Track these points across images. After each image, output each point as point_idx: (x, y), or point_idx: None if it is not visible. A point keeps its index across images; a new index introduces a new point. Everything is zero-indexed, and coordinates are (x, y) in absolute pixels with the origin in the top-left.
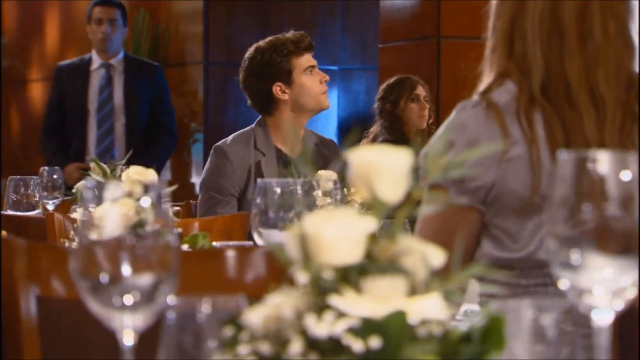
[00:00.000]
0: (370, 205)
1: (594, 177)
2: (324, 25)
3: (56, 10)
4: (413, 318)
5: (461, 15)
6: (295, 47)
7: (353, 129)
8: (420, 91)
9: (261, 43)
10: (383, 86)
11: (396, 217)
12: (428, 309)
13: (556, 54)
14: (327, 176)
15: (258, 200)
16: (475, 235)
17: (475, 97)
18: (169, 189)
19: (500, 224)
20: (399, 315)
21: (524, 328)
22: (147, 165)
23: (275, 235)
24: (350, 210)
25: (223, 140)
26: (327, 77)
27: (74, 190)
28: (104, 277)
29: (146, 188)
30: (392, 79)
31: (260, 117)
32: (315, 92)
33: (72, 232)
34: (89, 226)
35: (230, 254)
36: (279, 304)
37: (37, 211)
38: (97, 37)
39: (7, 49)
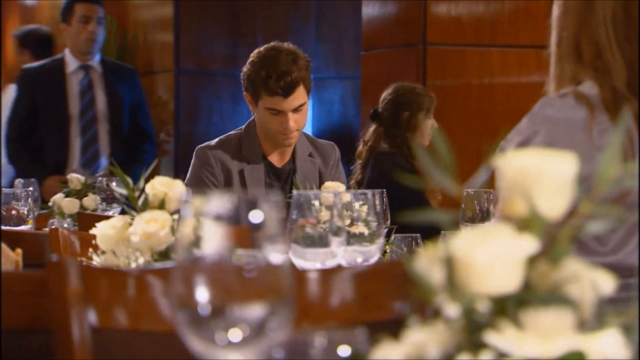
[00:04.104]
0: (529, 222)
1: None
2: (298, 34)
3: (16, 17)
4: (591, 359)
5: (448, 21)
6: (265, 84)
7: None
8: None
9: (259, 50)
10: (403, 92)
11: (559, 236)
12: (606, 348)
13: (637, 53)
14: (333, 188)
15: (294, 216)
16: None
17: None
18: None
19: None
20: (577, 356)
21: None
22: (133, 175)
23: (310, 252)
24: (506, 229)
25: (207, 143)
26: (289, 126)
27: (50, 204)
28: (205, 308)
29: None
30: (417, 88)
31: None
32: (272, 129)
33: (90, 250)
34: (189, 246)
35: (314, 275)
36: (422, 342)
37: (29, 226)
38: (82, 37)
39: None
